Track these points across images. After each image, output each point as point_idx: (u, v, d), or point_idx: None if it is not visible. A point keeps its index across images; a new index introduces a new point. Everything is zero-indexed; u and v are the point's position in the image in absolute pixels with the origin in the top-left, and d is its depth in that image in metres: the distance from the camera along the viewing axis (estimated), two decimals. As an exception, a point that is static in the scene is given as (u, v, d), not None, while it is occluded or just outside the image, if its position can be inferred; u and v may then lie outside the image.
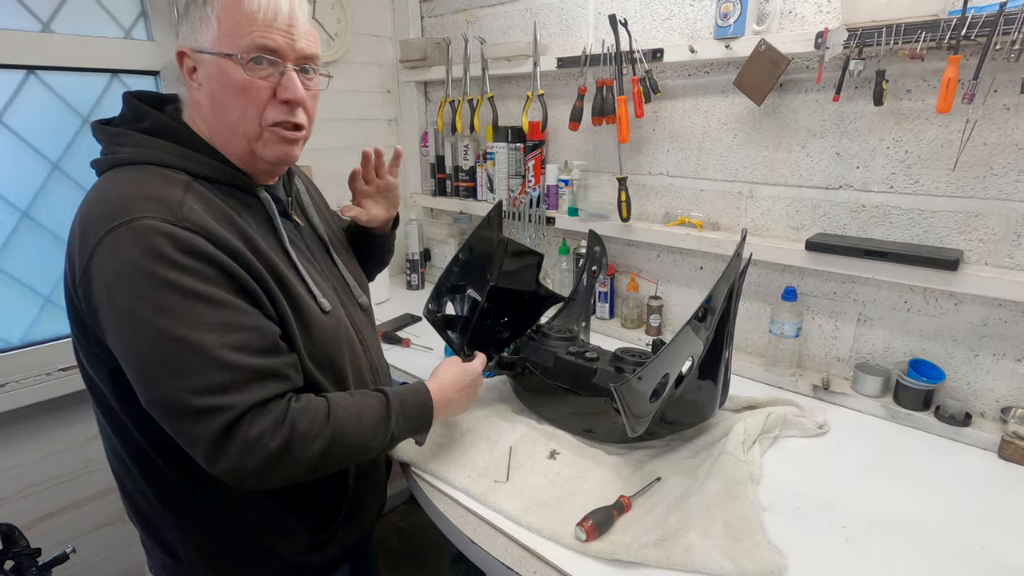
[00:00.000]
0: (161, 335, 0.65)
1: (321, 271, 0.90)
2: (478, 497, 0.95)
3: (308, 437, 0.72)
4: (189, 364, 0.66)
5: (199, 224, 0.68)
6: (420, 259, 2.04)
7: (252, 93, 0.74)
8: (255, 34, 0.73)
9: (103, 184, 0.73)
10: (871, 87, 1.10)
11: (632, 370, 1.05)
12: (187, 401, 0.66)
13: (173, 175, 0.73)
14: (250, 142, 0.77)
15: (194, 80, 0.76)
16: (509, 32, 1.75)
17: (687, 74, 1.39)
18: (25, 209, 1.36)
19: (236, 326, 0.69)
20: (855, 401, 1.21)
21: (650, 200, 1.54)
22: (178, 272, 0.66)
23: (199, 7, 0.73)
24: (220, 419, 0.67)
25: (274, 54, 0.74)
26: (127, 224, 0.66)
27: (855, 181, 1.20)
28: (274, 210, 0.81)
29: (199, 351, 0.66)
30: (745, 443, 1.03)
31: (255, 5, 0.73)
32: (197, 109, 0.78)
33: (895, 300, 1.19)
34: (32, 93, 1.34)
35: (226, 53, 0.73)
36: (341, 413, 0.77)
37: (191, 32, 0.74)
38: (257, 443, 0.68)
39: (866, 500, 0.93)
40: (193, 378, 0.66)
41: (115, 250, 0.65)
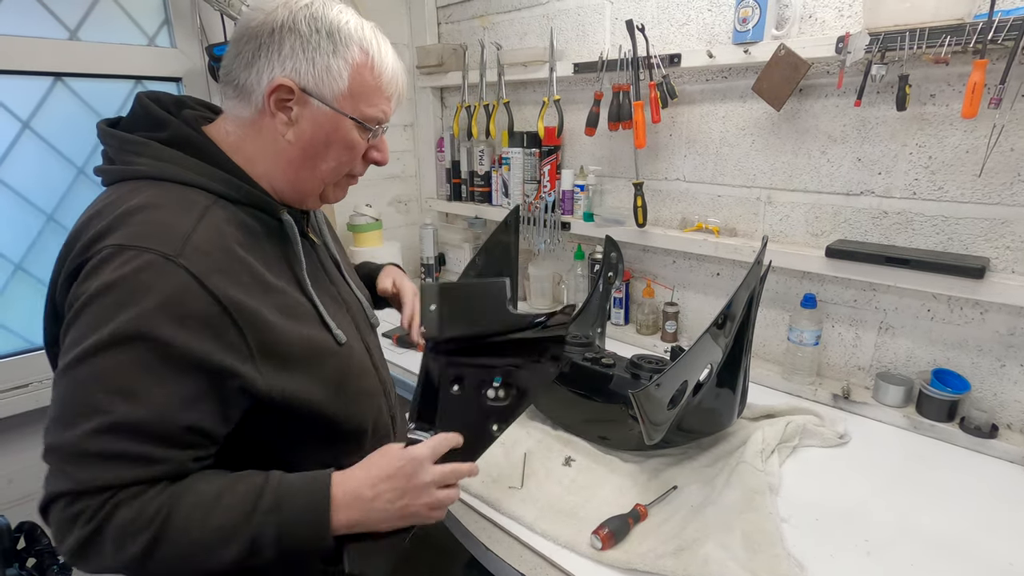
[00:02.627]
0: (75, 371, 0.59)
1: (338, 296, 0.85)
2: (493, 503, 0.94)
3: (127, 531, 0.60)
4: (73, 417, 0.59)
5: (197, 267, 0.63)
6: (435, 263, 2.04)
7: (355, 152, 0.76)
8: (381, 107, 0.75)
9: (113, 199, 0.68)
10: (893, 92, 1.08)
11: (649, 377, 1.04)
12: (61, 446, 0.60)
13: (193, 196, 0.68)
14: (326, 187, 0.78)
15: (286, 115, 0.71)
16: (525, 38, 1.75)
17: (704, 79, 1.39)
18: (51, 212, 1.39)
19: (147, 401, 0.60)
20: (876, 411, 1.19)
21: (666, 205, 1.53)
22: (130, 322, 0.60)
23: (324, 54, 0.70)
24: (50, 486, 0.61)
25: (383, 122, 0.77)
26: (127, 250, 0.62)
27: (877, 187, 1.18)
28: (297, 235, 0.76)
29: (93, 409, 0.59)
30: (763, 452, 1.02)
31: (388, 81, 0.74)
32: (256, 134, 0.73)
33: (918, 308, 1.17)
34: (59, 99, 1.37)
35: (351, 115, 0.72)
36: (185, 507, 0.62)
37: (306, 73, 0.70)
38: (71, 524, 0.60)
39: (888, 513, 0.91)
40: (62, 432, 0.59)
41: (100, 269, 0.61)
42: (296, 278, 0.76)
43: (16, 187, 1.34)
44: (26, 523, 0.94)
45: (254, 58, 0.70)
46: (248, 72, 0.70)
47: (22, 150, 1.34)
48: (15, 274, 1.37)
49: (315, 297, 0.77)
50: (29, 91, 1.33)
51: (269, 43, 0.69)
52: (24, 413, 1.36)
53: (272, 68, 0.69)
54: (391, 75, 0.75)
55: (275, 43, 0.69)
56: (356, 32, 0.72)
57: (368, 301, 0.94)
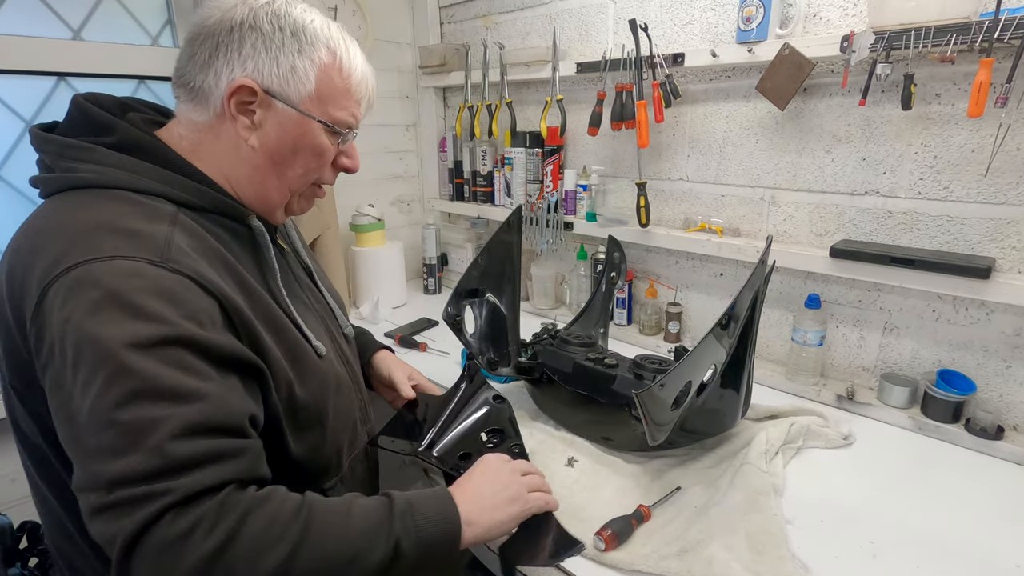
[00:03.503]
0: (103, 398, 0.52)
1: (310, 304, 0.81)
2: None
3: (264, 539, 0.54)
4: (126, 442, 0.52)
5: (190, 267, 0.58)
6: (437, 263, 2.04)
7: (324, 158, 0.73)
8: (351, 109, 0.72)
9: (56, 210, 0.61)
10: (898, 91, 1.07)
11: (652, 377, 1.03)
12: (109, 486, 0.52)
13: (154, 204, 0.62)
14: (292, 195, 0.74)
15: (248, 118, 0.67)
16: (528, 38, 1.75)
17: (708, 78, 1.38)
18: (54, 212, 1.39)
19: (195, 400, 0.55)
20: (881, 412, 1.18)
21: (669, 205, 1.53)
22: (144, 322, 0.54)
23: (289, 54, 0.65)
24: (151, 507, 0.51)
25: (353, 127, 0.74)
26: (97, 262, 0.54)
27: (881, 187, 1.17)
28: (267, 241, 0.72)
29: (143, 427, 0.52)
30: (768, 453, 1.01)
31: (358, 82, 0.71)
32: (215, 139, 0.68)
33: (923, 309, 1.16)
34: (62, 99, 1.37)
35: (319, 119, 0.69)
36: (320, 509, 0.59)
37: (269, 73, 0.65)
38: (185, 540, 0.51)
39: (894, 514, 0.91)
40: (122, 458, 0.52)
41: (73, 291, 0.54)
42: (269, 288, 0.72)
43: (19, 187, 1.34)
44: (28, 522, 0.93)
45: (211, 58, 0.65)
46: (205, 73, 0.65)
47: (25, 150, 1.34)
48: (18, 274, 1.37)
49: (291, 308, 0.73)
50: (32, 91, 1.33)
51: (228, 42, 0.64)
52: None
53: (232, 69, 0.64)
54: (360, 77, 0.72)
55: (234, 42, 0.64)
56: (323, 31, 0.68)
57: (341, 308, 0.91)
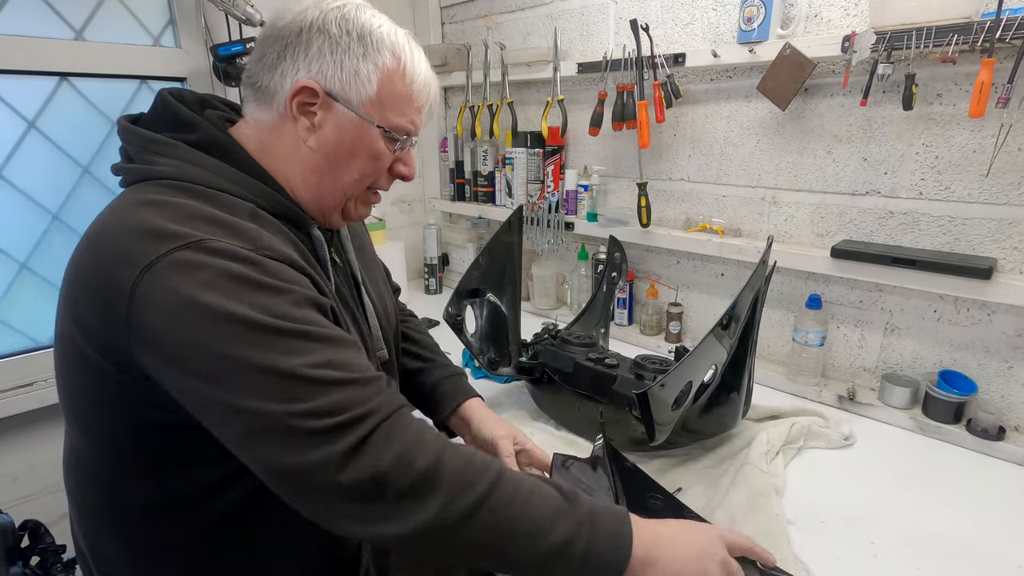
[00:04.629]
0: (249, 362, 0.54)
1: (355, 320, 0.80)
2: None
3: (464, 478, 0.56)
4: (291, 388, 0.55)
5: (282, 254, 0.60)
6: (438, 263, 2.04)
7: (380, 164, 0.72)
8: (411, 116, 0.71)
9: (140, 199, 0.60)
10: (899, 91, 1.07)
11: (653, 377, 1.03)
12: (297, 426, 0.54)
13: (233, 201, 0.63)
14: (348, 200, 0.74)
15: (309, 119, 0.67)
16: (529, 38, 1.75)
17: (709, 79, 1.38)
18: (56, 212, 1.40)
19: (333, 344, 0.59)
20: (882, 413, 1.18)
21: (670, 206, 1.53)
22: (270, 295, 0.56)
23: (353, 57, 0.66)
24: (350, 437, 0.55)
25: (412, 134, 0.73)
26: (195, 245, 0.55)
27: (883, 187, 1.17)
28: (326, 251, 0.72)
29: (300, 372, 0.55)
30: (768, 454, 1.01)
31: (420, 91, 0.71)
32: (277, 140, 0.69)
33: (924, 309, 1.16)
34: (64, 99, 1.38)
35: (377, 124, 0.68)
36: (507, 481, 0.59)
37: (332, 75, 0.66)
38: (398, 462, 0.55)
39: (895, 515, 0.91)
40: (301, 403, 0.54)
41: (177, 274, 0.54)
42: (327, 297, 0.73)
43: (22, 187, 1.34)
44: (30, 521, 0.94)
45: (279, 59, 0.66)
46: (272, 74, 0.67)
47: (28, 150, 1.34)
48: (20, 273, 1.37)
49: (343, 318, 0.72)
50: (35, 91, 1.34)
51: (296, 44, 0.65)
52: (28, 412, 1.36)
53: (297, 70, 0.66)
54: (423, 84, 0.71)
55: (302, 44, 0.65)
56: (389, 37, 0.68)
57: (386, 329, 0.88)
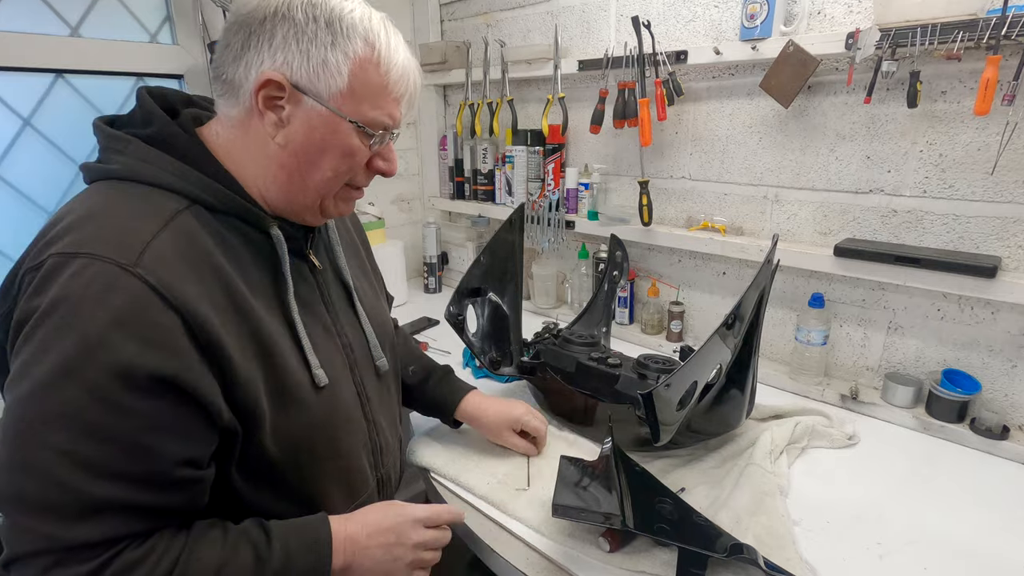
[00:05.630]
0: (18, 406, 0.53)
1: (332, 327, 0.76)
2: (498, 505, 0.93)
3: None
4: (22, 458, 0.52)
5: (157, 276, 0.55)
6: (438, 262, 2.03)
7: (355, 160, 0.67)
8: (388, 109, 0.66)
9: (78, 201, 0.62)
10: (903, 89, 1.07)
11: (656, 377, 1.03)
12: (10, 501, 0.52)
13: (163, 201, 0.60)
14: (323, 199, 0.69)
15: (276, 114, 0.63)
16: (529, 35, 1.74)
17: (711, 76, 1.37)
18: (52, 210, 1.38)
19: (103, 436, 0.53)
20: (885, 412, 1.17)
21: (672, 204, 1.52)
22: (79, 343, 0.52)
23: (321, 46, 0.61)
24: (22, 543, 0.52)
25: (389, 127, 0.68)
26: (72, 258, 0.54)
27: (886, 185, 1.16)
28: (284, 252, 0.68)
29: (39, 447, 0.51)
30: (772, 453, 1.01)
31: (396, 80, 0.66)
32: (245, 135, 0.65)
33: (928, 308, 1.16)
34: (60, 96, 1.36)
35: (349, 118, 0.64)
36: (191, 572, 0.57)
37: (299, 67, 0.61)
38: None
39: (900, 515, 0.90)
40: (16, 476, 0.52)
41: (43, 284, 0.54)
42: (281, 302, 0.68)
43: (17, 185, 1.33)
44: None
45: (243, 50, 0.62)
46: (236, 66, 0.62)
47: (23, 147, 1.33)
48: (16, 272, 1.36)
49: (300, 327, 0.68)
50: (30, 88, 1.32)
51: (260, 32, 0.61)
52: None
53: (261, 61, 0.61)
54: (400, 73, 0.66)
55: (266, 32, 0.61)
56: (361, 22, 0.63)
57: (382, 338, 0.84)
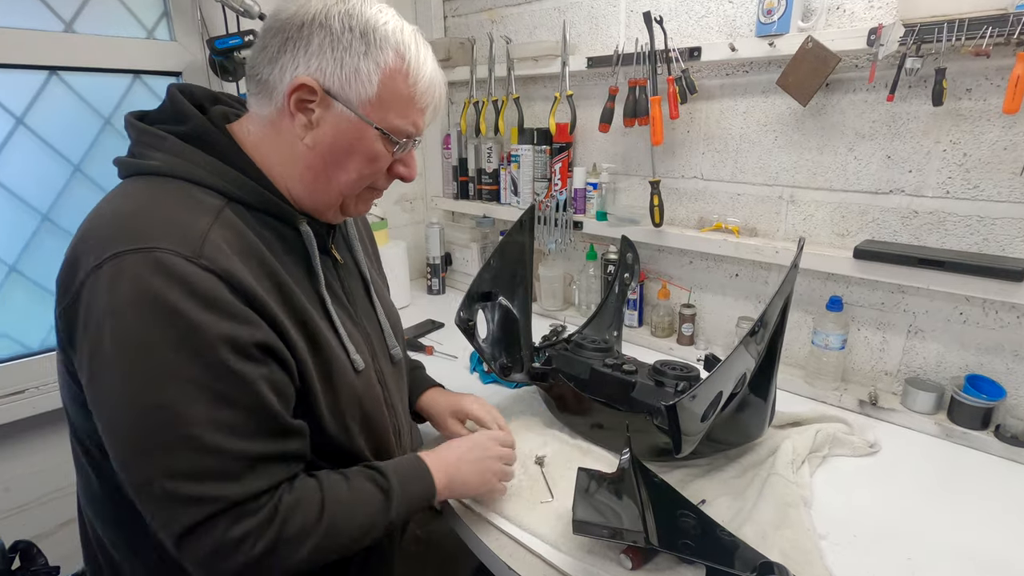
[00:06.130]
0: (141, 397, 0.56)
1: (356, 317, 0.81)
2: (512, 518, 0.90)
3: (298, 539, 0.63)
4: (166, 439, 0.56)
5: (220, 265, 0.59)
6: (441, 263, 2.00)
7: (378, 164, 0.71)
8: (413, 118, 0.70)
9: (120, 195, 0.64)
10: (926, 86, 1.04)
11: (675, 384, 0.99)
12: (158, 483, 0.56)
13: (204, 197, 0.64)
14: (345, 199, 0.73)
15: (306, 117, 0.66)
16: (536, 32, 1.70)
17: (724, 73, 1.34)
18: (46, 212, 1.34)
19: (233, 401, 0.59)
20: (905, 418, 1.14)
21: (683, 204, 1.48)
22: (180, 327, 0.56)
23: (355, 55, 0.64)
24: (196, 511, 0.57)
25: (412, 136, 0.71)
26: (137, 253, 0.56)
27: (907, 186, 1.13)
28: (314, 247, 0.72)
29: (182, 426, 0.56)
30: (794, 463, 0.98)
31: (423, 92, 0.69)
32: (276, 135, 0.68)
33: (950, 311, 1.13)
34: (54, 94, 1.32)
35: (376, 125, 0.67)
36: (335, 506, 0.67)
37: (331, 73, 0.64)
38: (238, 546, 0.59)
39: (930, 527, 0.87)
40: (168, 458, 0.57)
41: (115, 281, 0.56)
42: (316, 293, 0.72)
43: (10, 186, 1.29)
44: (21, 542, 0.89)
45: (279, 53, 0.65)
46: (272, 68, 0.65)
47: (15, 147, 1.28)
48: (9, 276, 1.32)
49: (335, 316, 0.73)
50: (23, 86, 1.28)
51: (296, 38, 0.64)
52: (19, 421, 1.31)
53: (296, 65, 0.64)
54: (427, 85, 0.69)
55: (303, 38, 0.64)
56: (394, 34, 0.66)
57: (395, 328, 0.89)
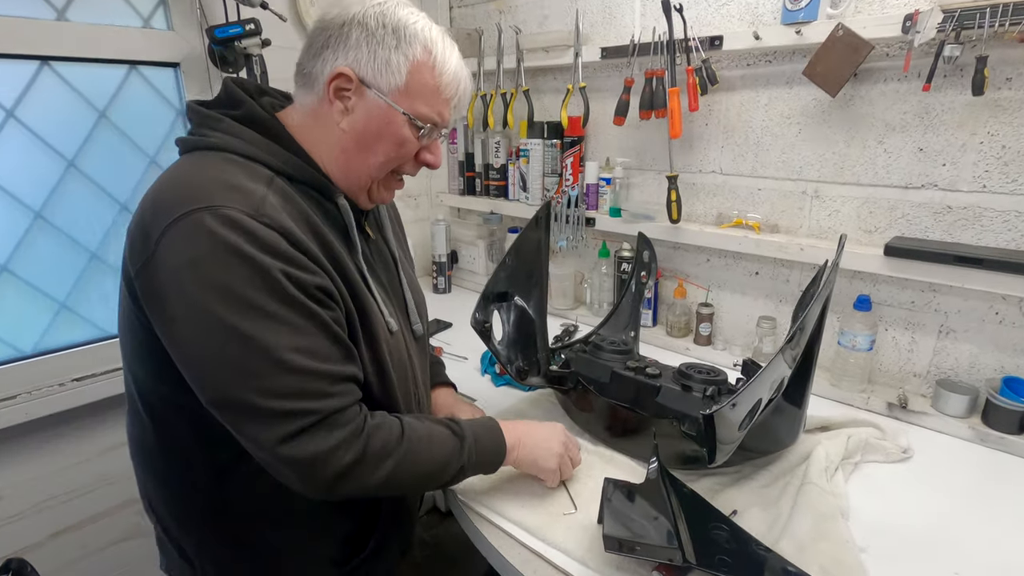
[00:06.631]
0: (231, 332, 0.62)
1: (386, 289, 0.85)
2: (535, 531, 0.85)
3: (381, 455, 0.71)
4: (259, 366, 0.63)
5: (279, 223, 0.65)
6: (447, 261, 1.94)
7: (405, 150, 0.76)
8: (437, 107, 0.75)
9: (184, 164, 0.71)
10: (963, 75, 0.99)
11: (703, 389, 0.95)
12: (256, 403, 0.64)
13: (256, 168, 0.70)
14: (372, 182, 0.78)
15: (343, 103, 0.73)
16: (546, 21, 1.65)
17: (746, 64, 1.29)
18: (39, 210, 1.28)
19: (310, 330, 0.66)
20: (937, 421, 1.10)
21: (700, 200, 1.44)
22: (254, 269, 0.63)
23: (386, 48, 0.71)
24: (293, 424, 0.65)
25: (438, 125, 0.77)
26: (206, 210, 0.62)
27: (940, 180, 1.09)
28: (351, 219, 0.77)
29: (270, 352, 0.63)
30: (828, 470, 0.93)
31: (447, 83, 0.75)
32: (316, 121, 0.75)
33: (984, 311, 1.08)
34: (46, 86, 1.26)
35: (403, 111, 0.73)
36: (414, 436, 0.75)
37: (366, 64, 0.72)
38: (332, 454, 0.67)
39: (974, 539, 0.83)
40: (264, 380, 0.64)
41: (191, 235, 0.62)
42: (354, 260, 0.77)
43: (0, 182, 1.23)
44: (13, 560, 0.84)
45: (323, 48, 0.72)
46: (315, 61, 0.73)
47: (6, 141, 1.22)
48: (0, 276, 1.26)
49: (370, 280, 0.78)
50: (13, 77, 1.22)
51: (338, 35, 0.72)
52: (12, 427, 1.25)
53: (336, 58, 0.72)
54: (451, 78, 0.75)
55: (343, 35, 0.71)
56: (423, 32, 0.73)
57: (419, 304, 0.94)
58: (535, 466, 0.89)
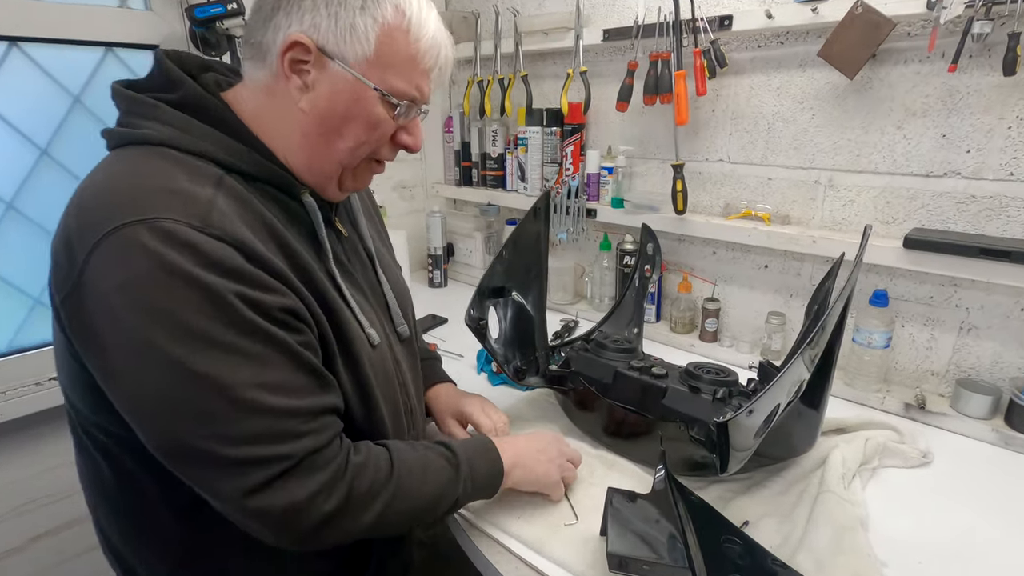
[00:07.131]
0: (179, 370, 0.52)
1: (364, 293, 0.76)
2: (532, 544, 0.79)
3: (368, 498, 0.62)
4: (217, 408, 0.54)
5: (231, 233, 0.55)
6: (443, 255, 1.88)
7: (379, 132, 0.66)
8: (415, 80, 0.65)
9: (112, 165, 0.60)
10: (990, 56, 0.93)
11: (712, 391, 0.89)
12: (216, 451, 0.54)
13: (202, 166, 0.59)
14: (344, 169, 0.68)
15: (301, 78, 0.61)
16: (545, 3, 1.57)
17: (756, 45, 1.22)
18: (10, 200, 1.21)
19: (275, 361, 0.57)
20: (957, 423, 1.04)
21: (706, 190, 1.37)
22: (203, 293, 0.52)
23: (350, 10, 0.60)
24: (262, 473, 0.55)
25: (417, 101, 0.66)
26: (141, 223, 0.52)
27: (964, 168, 1.02)
28: (319, 219, 0.67)
29: (228, 392, 0.54)
30: (845, 477, 0.87)
31: (426, 50, 0.64)
32: (270, 102, 0.64)
33: (1009, 307, 1.02)
34: (15, 69, 1.19)
35: (374, 86, 0.62)
36: (404, 469, 0.67)
37: (326, 30, 0.60)
38: (311, 502, 0.58)
39: (1006, 550, 0.77)
40: (223, 426, 0.54)
41: (123, 255, 0.52)
42: (325, 268, 0.68)
43: (-32, 170, 1.16)
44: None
45: (273, 11, 0.61)
46: (265, 28, 0.62)
47: (-26, 128, 1.16)
48: (-29, 271, 1.20)
49: (345, 290, 0.69)
50: (-20, 59, 1.15)
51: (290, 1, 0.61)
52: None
53: (290, 24, 0.60)
54: (430, 44, 0.64)
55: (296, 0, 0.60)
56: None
57: (402, 305, 0.85)
58: (538, 483, 0.82)
